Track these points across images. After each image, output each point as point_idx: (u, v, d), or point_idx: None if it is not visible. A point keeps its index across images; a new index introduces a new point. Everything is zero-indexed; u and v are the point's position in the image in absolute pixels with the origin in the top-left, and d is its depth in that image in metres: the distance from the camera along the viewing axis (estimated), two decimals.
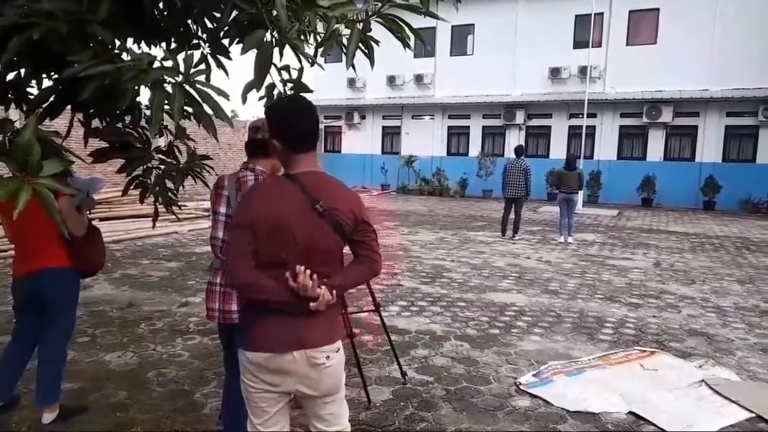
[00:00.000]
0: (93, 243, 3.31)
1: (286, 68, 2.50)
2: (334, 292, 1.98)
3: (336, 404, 2.13)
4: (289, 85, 2.53)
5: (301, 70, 2.51)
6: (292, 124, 1.99)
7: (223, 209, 2.66)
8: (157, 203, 2.98)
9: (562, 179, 10.78)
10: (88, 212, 3.33)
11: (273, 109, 2.04)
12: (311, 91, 2.59)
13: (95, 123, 2.60)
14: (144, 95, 2.11)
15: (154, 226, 3.22)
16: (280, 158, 2.07)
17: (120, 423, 3.32)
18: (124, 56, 1.96)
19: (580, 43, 18.47)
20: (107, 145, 2.68)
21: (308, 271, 1.91)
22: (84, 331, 4.85)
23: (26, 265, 3.19)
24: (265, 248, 1.95)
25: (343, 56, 2.22)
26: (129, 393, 3.71)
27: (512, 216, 10.97)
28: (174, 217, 3.43)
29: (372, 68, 2.50)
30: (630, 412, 3.65)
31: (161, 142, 3.02)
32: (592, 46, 17.66)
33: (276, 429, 2.10)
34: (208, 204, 11.28)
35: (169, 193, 2.95)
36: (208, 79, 2.17)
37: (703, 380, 4.15)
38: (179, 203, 3.08)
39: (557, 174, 11.31)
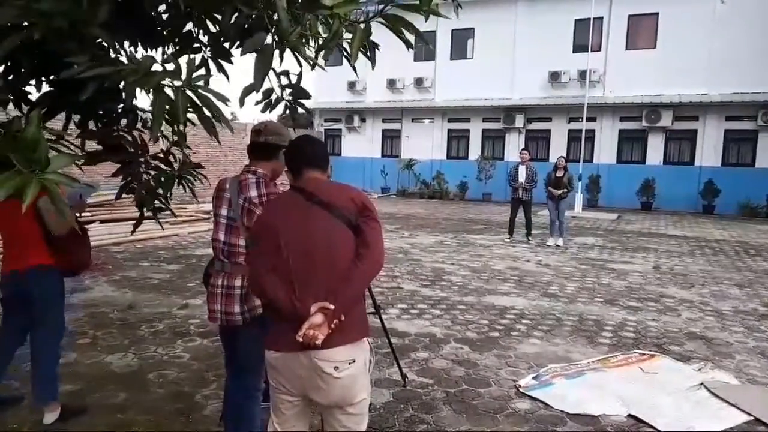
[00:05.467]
0: (78, 242, 3.31)
1: (285, 73, 2.50)
2: (340, 315, 1.96)
3: (351, 418, 2.05)
4: (288, 90, 2.53)
5: (300, 75, 2.52)
6: (295, 155, 2.26)
7: (224, 211, 2.68)
8: (144, 209, 2.96)
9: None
10: (78, 215, 3.34)
11: (287, 146, 2.39)
12: (309, 97, 2.59)
13: (92, 126, 2.60)
14: (141, 99, 2.13)
15: (133, 232, 3.20)
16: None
17: (120, 424, 3.33)
18: (123, 59, 1.97)
19: (579, 47, 18.51)
20: (100, 148, 2.68)
21: (312, 326, 1.90)
22: (85, 333, 4.87)
23: (11, 263, 3.22)
24: (270, 258, 2.05)
25: (344, 60, 2.24)
26: (129, 394, 3.72)
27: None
28: (171, 219, 3.43)
29: (373, 68, 2.53)
30: (629, 415, 3.66)
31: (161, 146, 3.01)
32: (592, 51, 17.69)
33: (291, 431, 2.12)
34: (208, 206, 11.27)
35: (158, 200, 2.91)
36: (207, 83, 2.17)
37: (702, 383, 4.16)
38: (165, 211, 3.03)
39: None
